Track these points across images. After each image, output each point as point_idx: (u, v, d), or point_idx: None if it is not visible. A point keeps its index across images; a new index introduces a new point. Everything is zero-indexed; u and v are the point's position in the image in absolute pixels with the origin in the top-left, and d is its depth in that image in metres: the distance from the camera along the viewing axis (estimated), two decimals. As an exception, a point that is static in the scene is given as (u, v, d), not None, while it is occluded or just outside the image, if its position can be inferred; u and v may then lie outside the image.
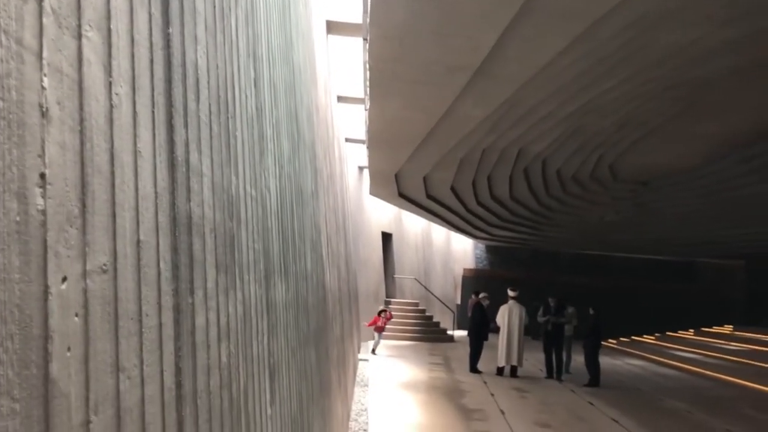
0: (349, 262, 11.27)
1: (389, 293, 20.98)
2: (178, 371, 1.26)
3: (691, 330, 25.39)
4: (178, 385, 1.26)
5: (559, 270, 28.97)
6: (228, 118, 1.83)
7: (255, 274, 2.11)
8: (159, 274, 1.19)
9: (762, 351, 17.97)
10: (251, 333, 2.01)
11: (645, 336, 25.82)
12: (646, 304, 27.24)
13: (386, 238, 20.99)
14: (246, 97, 2.13)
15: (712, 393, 12.92)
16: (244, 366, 1.88)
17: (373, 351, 15.01)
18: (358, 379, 10.91)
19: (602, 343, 13.91)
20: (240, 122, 1.99)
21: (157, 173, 1.22)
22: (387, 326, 18.76)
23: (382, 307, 15.85)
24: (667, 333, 25.41)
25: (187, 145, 1.40)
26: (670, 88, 10.75)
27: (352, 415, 7.90)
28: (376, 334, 15.12)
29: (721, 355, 18.40)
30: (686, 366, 17.76)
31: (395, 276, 21.37)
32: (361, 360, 13.34)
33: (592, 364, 12.67)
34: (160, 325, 1.19)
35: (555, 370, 13.35)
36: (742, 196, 17.43)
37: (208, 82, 1.61)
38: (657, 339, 24.93)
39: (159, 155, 1.24)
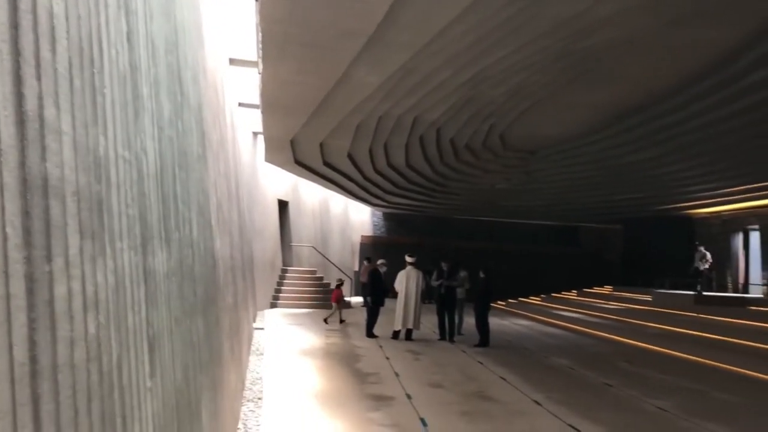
0: (244, 230, 11.04)
1: (286, 261, 20.82)
2: (33, 344, 1.17)
3: (575, 291, 26.90)
4: (33, 359, 1.17)
5: (454, 235, 29.79)
6: (94, 73, 1.69)
7: (129, 240, 1.99)
8: (5, 240, 1.09)
9: (636, 309, 19.31)
10: (126, 303, 1.90)
11: (532, 297, 27.13)
12: (534, 267, 28.55)
13: (283, 205, 20.75)
14: (116, 52, 1.98)
15: (593, 350, 13.77)
16: (118, 337, 1.78)
17: (341, 321, 15.58)
18: (253, 347, 10.80)
19: (492, 304, 14.46)
20: (109, 79, 1.86)
21: (1, 128, 1.10)
22: (286, 294, 18.76)
23: (338, 281, 16.48)
24: (553, 294, 26.79)
25: (40, 98, 1.28)
26: (557, 60, 11.15)
27: (247, 383, 7.83)
28: (334, 305, 15.75)
29: (600, 314, 19.61)
30: (569, 325, 18.81)
31: (292, 244, 21.21)
32: (256, 329, 13.20)
33: (482, 326, 13.16)
34: (8, 295, 1.09)
35: (448, 332, 13.77)
36: (621, 164, 18.49)
37: (68, 32, 1.48)
38: (543, 300, 26.25)
39: (4, 108, 1.12)
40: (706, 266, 19.97)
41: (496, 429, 6.38)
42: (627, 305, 20.93)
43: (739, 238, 22.92)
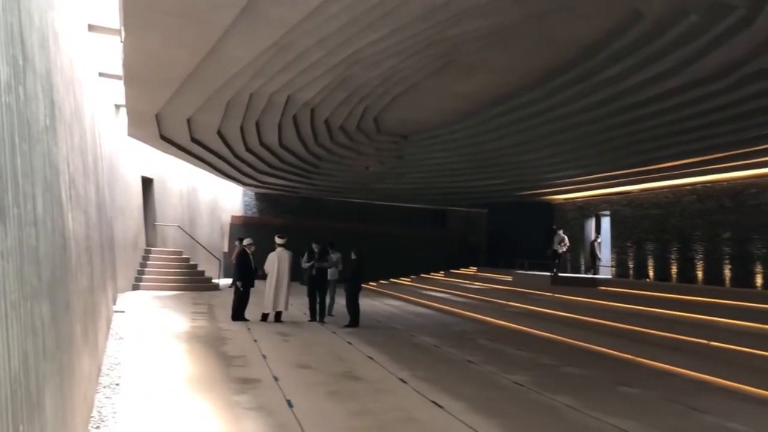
0: (103, 208, 10.40)
1: (150, 242, 19.93)
2: None
3: (443, 272, 27.82)
4: None
5: (327, 217, 29.81)
6: None
7: (-49, 216, 1.78)
8: None
9: (498, 289, 20.27)
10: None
11: (402, 278, 27.76)
12: (405, 249, 29.20)
13: (147, 183, 19.80)
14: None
15: (458, 328, 14.31)
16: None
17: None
18: (112, 332, 10.26)
19: (363, 285, 14.62)
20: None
21: None
22: (150, 276, 18.01)
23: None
24: (422, 275, 27.55)
25: None
26: (428, 47, 11.35)
27: (104, 369, 7.43)
28: None
29: (466, 294, 20.42)
30: (437, 305, 19.45)
31: (157, 224, 20.33)
32: (116, 312, 12.56)
33: (352, 306, 13.29)
34: None
35: (318, 314, 13.80)
36: (487, 151, 19.23)
37: None
38: (413, 281, 26.94)
39: None
40: (564, 249, 21.32)
41: (363, 407, 6.46)
42: (490, 285, 21.93)
43: (592, 223, 24.61)
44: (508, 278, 21.84)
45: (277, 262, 13.17)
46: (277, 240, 13.47)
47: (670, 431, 6.13)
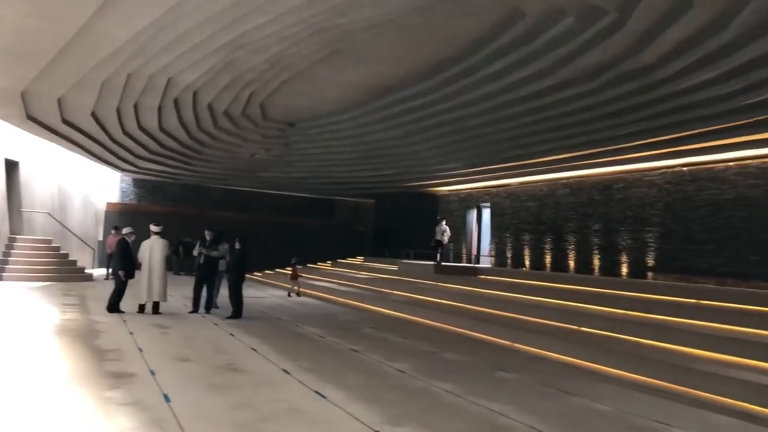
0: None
1: (14, 230, 18.53)
2: None
3: (329, 261, 27.81)
4: None
5: (211, 205, 28.98)
6: None
7: None
8: None
9: (383, 278, 20.50)
10: None
11: (288, 268, 27.46)
12: (291, 239, 28.88)
13: (11, 166, 18.39)
14: None
15: (343, 317, 14.35)
16: None
17: (297, 294, 19.06)
18: (-31, 327, 9.46)
19: (247, 276, 14.32)
20: None
21: None
22: (15, 266, 16.88)
23: (294, 261, 19.59)
24: (309, 265, 27.41)
25: None
26: (315, 34, 11.22)
27: (-43, 368, 6.82)
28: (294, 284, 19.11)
29: (352, 284, 20.51)
30: (323, 294, 19.42)
31: (22, 210, 18.93)
32: (-25, 305, 11.59)
33: (236, 297, 12.99)
34: None
35: (206, 305, 13.39)
36: (374, 141, 19.36)
37: None
38: (298, 271, 26.70)
39: None
40: (446, 239, 21.94)
41: (244, 400, 6.31)
42: (376, 275, 22.15)
43: (473, 214, 25.44)
44: (394, 268, 22.15)
45: (149, 250, 12.65)
46: (153, 228, 12.94)
47: (542, 413, 6.42)
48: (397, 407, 6.41)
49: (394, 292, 18.04)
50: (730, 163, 15.16)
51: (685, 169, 16.38)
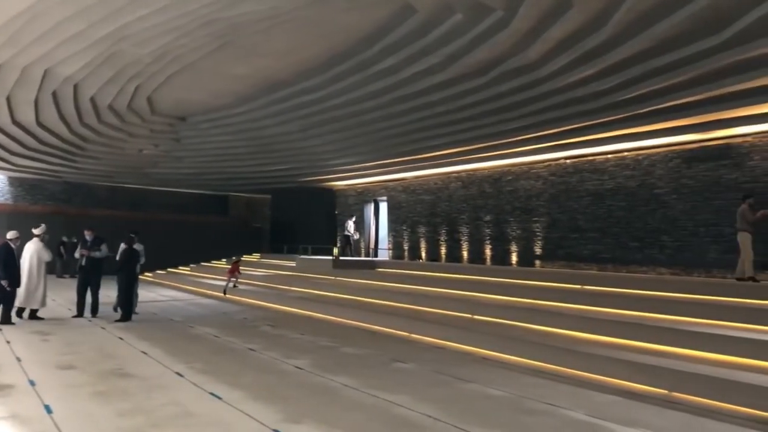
0: None
1: None
2: None
3: (224, 259, 27.16)
4: None
5: (97, 203, 27.61)
6: None
7: None
8: None
9: (282, 275, 20.25)
10: None
11: (181, 267, 26.64)
12: (184, 237, 28.02)
13: None
14: None
15: (239, 316, 14.06)
16: None
17: (226, 291, 18.52)
18: None
19: (139, 276, 13.73)
20: None
21: None
22: None
23: (235, 258, 20.29)
24: (203, 263, 26.67)
25: None
26: (204, 26, 10.90)
27: None
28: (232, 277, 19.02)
29: (249, 281, 20.12)
30: (218, 293, 18.94)
31: None
32: None
33: (125, 299, 12.45)
34: None
35: (91, 308, 12.73)
36: (269, 136, 19.09)
37: None
38: (192, 270, 25.97)
39: None
40: (356, 235, 22.32)
41: (134, 406, 6.05)
42: (274, 271, 21.87)
43: (371, 208, 25.63)
44: (292, 264, 21.94)
45: (28, 254, 11.89)
46: (34, 231, 12.18)
47: (437, 401, 6.56)
48: (295, 404, 6.35)
49: (292, 288, 17.89)
50: (609, 156, 16.10)
51: (568, 161, 17.23)
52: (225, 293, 18.31)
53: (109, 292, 13.65)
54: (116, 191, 28.64)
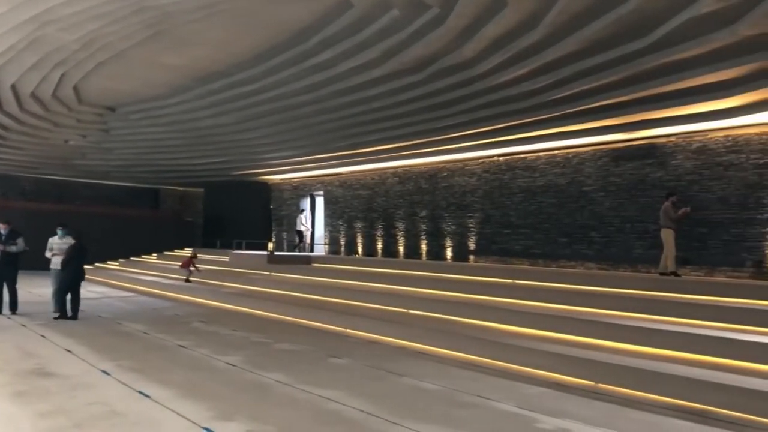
0: None
1: None
2: None
3: (155, 254, 26.46)
4: None
5: (20, 195, 26.44)
6: None
7: None
8: None
9: (215, 270, 19.87)
10: None
11: (110, 262, 25.81)
12: (112, 231, 27.12)
13: None
14: None
15: (170, 312, 13.74)
16: None
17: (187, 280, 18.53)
18: None
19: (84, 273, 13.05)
20: None
21: None
22: None
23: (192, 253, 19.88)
24: (132, 258, 25.91)
25: None
26: (135, 13, 10.57)
27: None
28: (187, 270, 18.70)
29: (180, 277, 19.66)
30: (149, 289, 18.46)
31: None
32: None
33: (60, 298, 12.01)
34: None
35: (10, 305, 12.18)
36: (202, 128, 18.70)
37: None
38: (121, 265, 25.20)
39: None
40: (306, 228, 22.23)
41: (56, 407, 5.82)
42: (207, 266, 21.42)
43: (307, 203, 25.43)
44: (225, 259, 21.56)
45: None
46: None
47: (371, 396, 6.57)
48: (226, 401, 6.25)
49: (226, 284, 17.60)
50: (540, 154, 16.48)
51: (501, 159, 17.55)
52: (188, 280, 18.58)
53: (40, 290, 13.10)
54: (42, 183, 27.49)
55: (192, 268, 18.79)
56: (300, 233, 22.64)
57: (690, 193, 13.20)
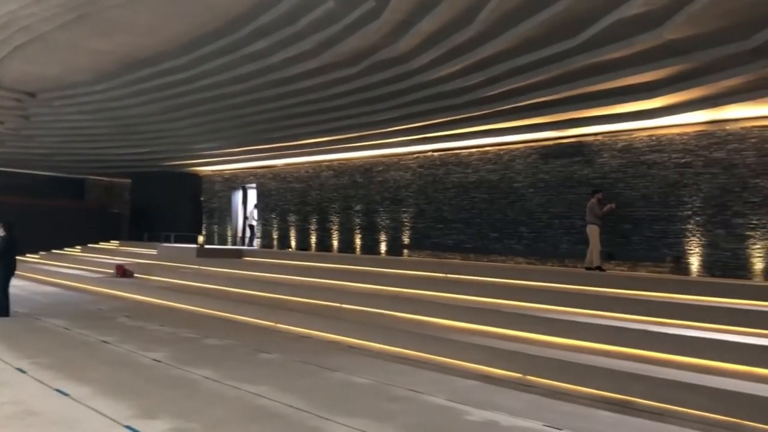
0: None
1: None
2: None
3: (79, 247, 25.49)
4: None
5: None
6: None
7: None
8: None
9: (142, 264, 19.27)
10: None
11: (29, 255, 24.68)
12: (33, 223, 25.91)
13: None
14: None
15: (93, 307, 13.26)
16: None
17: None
18: None
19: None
20: None
21: None
22: None
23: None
24: (54, 251, 24.88)
25: None
26: (58, -7, 10.08)
27: None
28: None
29: (105, 270, 19.00)
30: (71, 283, 17.78)
31: None
32: None
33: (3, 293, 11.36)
34: None
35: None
36: (129, 116, 18.09)
37: None
38: (43, 257, 24.18)
39: None
40: (254, 222, 21.89)
41: (-35, 408, 5.50)
42: (134, 260, 20.77)
43: (239, 195, 25.01)
44: (153, 252, 20.96)
45: None
46: None
47: (301, 391, 6.49)
48: (151, 399, 6.05)
49: (153, 277, 17.11)
50: (473, 150, 16.69)
51: (435, 154, 17.69)
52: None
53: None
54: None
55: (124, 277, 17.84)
56: (252, 227, 22.38)
57: (615, 190, 13.64)
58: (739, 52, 9.04)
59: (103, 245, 25.56)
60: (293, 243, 21.94)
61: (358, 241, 19.75)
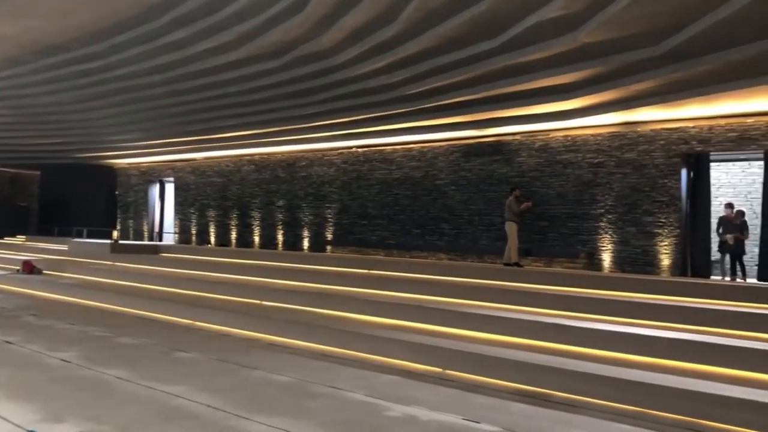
0: None
1: None
2: None
3: (-18, 243, 24.08)
4: None
5: None
6: None
7: None
8: None
9: (51, 260, 18.41)
10: None
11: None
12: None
13: None
14: None
15: (-3, 305, 12.54)
16: None
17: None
18: None
19: None
20: None
21: None
22: None
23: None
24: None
25: None
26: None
27: None
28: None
29: (10, 267, 18.03)
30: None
31: None
32: None
33: None
34: None
35: None
36: (38, 105, 17.24)
37: None
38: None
39: None
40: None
41: None
42: (43, 255, 19.80)
43: (156, 189, 24.26)
44: (64, 247, 20.05)
45: None
46: None
47: (219, 390, 6.35)
48: (58, 401, 5.77)
49: (63, 274, 16.37)
50: (397, 147, 16.80)
51: (359, 150, 17.70)
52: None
53: None
54: None
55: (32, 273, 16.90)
56: None
57: (532, 188, 14.03)
58: (651, 57, 9.47)
59: (8, 240, 24.25)
60: (213, 239, 21.46)
61: (280, 237, 19.52)
